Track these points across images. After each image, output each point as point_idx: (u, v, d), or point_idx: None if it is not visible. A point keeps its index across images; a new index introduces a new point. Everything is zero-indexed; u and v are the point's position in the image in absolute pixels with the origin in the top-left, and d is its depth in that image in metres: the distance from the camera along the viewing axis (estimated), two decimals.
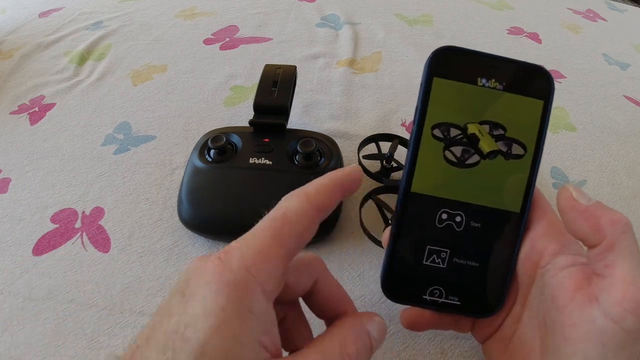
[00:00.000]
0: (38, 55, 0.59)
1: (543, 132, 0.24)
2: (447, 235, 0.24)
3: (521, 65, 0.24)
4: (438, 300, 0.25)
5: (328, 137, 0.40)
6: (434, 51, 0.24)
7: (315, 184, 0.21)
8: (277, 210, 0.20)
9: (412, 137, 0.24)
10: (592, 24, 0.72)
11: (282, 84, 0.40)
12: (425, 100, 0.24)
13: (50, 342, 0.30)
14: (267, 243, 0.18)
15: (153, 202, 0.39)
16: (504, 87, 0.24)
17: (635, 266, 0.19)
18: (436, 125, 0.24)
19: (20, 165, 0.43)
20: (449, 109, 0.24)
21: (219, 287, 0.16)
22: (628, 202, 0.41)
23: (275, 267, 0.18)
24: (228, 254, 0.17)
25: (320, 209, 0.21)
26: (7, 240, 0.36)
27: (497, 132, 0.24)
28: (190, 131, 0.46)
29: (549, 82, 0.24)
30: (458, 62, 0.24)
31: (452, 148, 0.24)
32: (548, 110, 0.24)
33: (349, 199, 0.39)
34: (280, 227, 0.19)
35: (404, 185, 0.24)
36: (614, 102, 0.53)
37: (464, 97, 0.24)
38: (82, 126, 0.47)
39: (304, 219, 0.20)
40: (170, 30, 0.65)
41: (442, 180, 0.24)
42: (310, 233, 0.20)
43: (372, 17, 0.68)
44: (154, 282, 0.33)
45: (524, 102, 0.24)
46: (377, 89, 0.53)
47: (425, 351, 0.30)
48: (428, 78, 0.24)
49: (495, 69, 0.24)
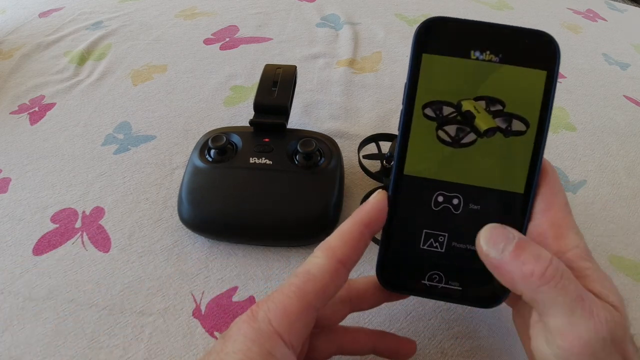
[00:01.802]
0: (38, 55, 0.59)
1: (548, 105, 0.22)
2: (444, 218, 0.23)
3: (520, 33, 0.21)
4: (438, 286, 0.24)
5: (328, 137, 0.40)
6: (421, 23, 0.22)
7: (340, 234, 0.22)
8: (303, 266, 0.21)
9: (402, 118, 0.22)
10: (592, 24, 0.72)
11: (282, 83, 0.40)
12: (414, 78, 0.22)
13: (50, 342, 0.30)
14: (289, 299, 0.20)
15: (153, 202, 0.39)
16: (500, 58, 0.22)
17: (564, 314, 0.19)
18: (427, 104, 0.22)
19: (20, 165, 0.43)
20: (440, 86, 0.22)
21: (247, 333, 0.20)
22: (628, 202, 0.41)
23: (296, 321, 0.20)
24: (258, 306, 0.21)
25: (346, 263, 0.22)
26: (7, 240, 0.36)
27: (495, 108, 0.22)
28: (190, 131, 0.46)
29: (552, 48, 0.22)
30: (447, 35, 0.22)
31: (446, 127, 0.22)
32: (553, 80, 0.22)
33: (349, 199, 0.39)
34: (303, 284, 0.21)
35: (396, 168, 0.23)
36: (614, 102, 0.53)
37: (457, 72, 0.22)
38: (82, 126, 0.47)
39: (327, 274, 0.21)
40: (170, 30, 0.65)
41: (437, 162, 0.23)
42: (335, 286, 0.21)
43: (372, 17, 0.68)
44: (154, 282, 0.33)
45: (525, 73, 0.22)
46: (377, 89, 0.53)
47: (426, 351, 0.30)
48: (416, 54, 0.22)
49: (489, 38, 0.22)
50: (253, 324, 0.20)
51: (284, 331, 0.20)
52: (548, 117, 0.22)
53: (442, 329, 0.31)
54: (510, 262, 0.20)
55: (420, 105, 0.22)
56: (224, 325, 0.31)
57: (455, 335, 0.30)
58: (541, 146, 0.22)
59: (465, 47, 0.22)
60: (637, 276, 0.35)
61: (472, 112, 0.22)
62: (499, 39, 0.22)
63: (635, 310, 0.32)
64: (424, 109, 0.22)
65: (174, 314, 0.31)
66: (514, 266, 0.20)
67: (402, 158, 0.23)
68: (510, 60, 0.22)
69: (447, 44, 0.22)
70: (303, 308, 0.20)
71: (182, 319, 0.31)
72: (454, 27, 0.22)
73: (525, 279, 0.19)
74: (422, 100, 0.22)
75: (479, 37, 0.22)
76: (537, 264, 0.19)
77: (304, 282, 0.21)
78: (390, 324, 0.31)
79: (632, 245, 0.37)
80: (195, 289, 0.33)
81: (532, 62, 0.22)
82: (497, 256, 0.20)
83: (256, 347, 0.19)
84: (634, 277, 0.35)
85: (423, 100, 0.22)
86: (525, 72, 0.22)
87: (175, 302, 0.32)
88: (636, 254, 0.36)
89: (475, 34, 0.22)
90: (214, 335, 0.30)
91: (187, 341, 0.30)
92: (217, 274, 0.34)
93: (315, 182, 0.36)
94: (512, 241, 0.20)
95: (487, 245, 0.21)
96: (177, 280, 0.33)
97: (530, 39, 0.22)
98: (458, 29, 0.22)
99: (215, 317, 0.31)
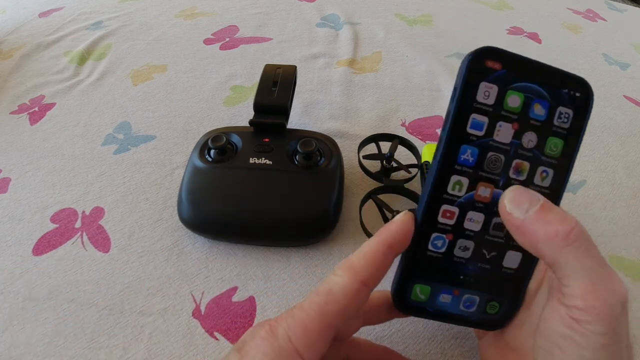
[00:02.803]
0: (38, 55, 0.59)
1: (580, 137, 0.23)
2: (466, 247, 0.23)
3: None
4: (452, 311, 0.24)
5: (328, 137, 0.40)
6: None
7: (364, 253, 0.22)
8: (325, 284, 0.21)
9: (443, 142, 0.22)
10: (592, 24, 0.72)
11: (282, 83, 0.40)
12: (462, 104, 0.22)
13: (50, 342, 0.30)
14: (311, 318, 0.20)
15: (153, 202, 0.39)
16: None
17: (588, 275, 0.19)
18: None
19: (20, 165, 0.43)
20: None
21: (266, 352, 0.19)
22: (628, 202, 0.41)
23: (315, 340, 0.20)
24: (277, 323, 0.20)
25: (368, 284, 0.21)
26: (7, 240, 0.36)
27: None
28: (190, 131, 0.46)
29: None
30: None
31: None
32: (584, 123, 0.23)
33: (349, 199, 0.39)
34: (325, 303, 0.20)
35: (430, 192, 0.22)
36: (614, 102, 0.53)
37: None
38: (82, 126, 0.47)
39: (349, 295, 0.21)
40: (170, 30, 0.65)
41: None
42: (356, 307, 0.21)
43: (372, 17, 0.68)
44: (154, 282, 0.33)
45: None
46: (377, 89, 0.53)
47: (426, 351, 0.30)
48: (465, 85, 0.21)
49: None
50: (273, 342, 0.20)
51: (304, 350, 0.20)
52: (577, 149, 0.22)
53: (442, 330, 0.31)
54: (535, 222, 0.20)
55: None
56: (223, 326, 0.31)
57: (455, 335, 0.30)
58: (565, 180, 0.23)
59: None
60: (637, 276, 0.35)
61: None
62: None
63: (636, 310, 0.32)
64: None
65: (173, 314, 0.31)
66: (538, 226, 0.19)
67: (441, 183, 0.22)
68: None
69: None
70: (324, 328, 0.20)
71: (182, 319, 0.31)
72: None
73: (549, 239, 0.19)
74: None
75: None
76: (562, 224, 0.19)
77: (326, 302, 0.20)
78: (391, 325, 0.31)
79: (632, 245, 0.37)
80: (195, 289, 0.33)
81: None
82: (520, 216, 0.20)
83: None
84: (634, 277, 0.35)
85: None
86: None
87: (175, 302, 0.32)
88: (636, 254, 0.36)
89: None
90: (213, 335, 0.30)
91: (187, 341, 0.30)
92: (217, 274, 0.34)
93: (315, 182, 0.36)
94: (537, 202, 0.20)
95: (511, 205, 0.20)
96: (177, 280, 0.33)
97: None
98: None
99: (215, 317, 0.31)
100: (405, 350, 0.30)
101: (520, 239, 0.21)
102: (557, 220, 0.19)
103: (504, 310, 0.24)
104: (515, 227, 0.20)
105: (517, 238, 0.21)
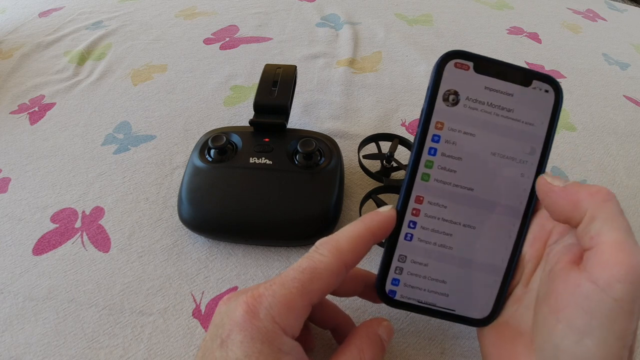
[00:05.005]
0: (38, 55, 0.59)
1: (551, 132, 0.24)
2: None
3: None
4: (435, 305, 0.25)
5: (328, 137, 0.40)
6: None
7: (350, 234, 0.22)
8: (309, 261, 0.21)
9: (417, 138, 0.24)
10: (592, 24, 0.72)
11: (282, 83, 0.40)
12: (434, 95, 0.23)
13: (50, 342, 0.30)
14: (293, 296, 0.20)
15: (153, 202, 0.39)
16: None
17: (621, 232, 0.19)
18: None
19: (20, 165, 0.43)
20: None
21: (253, 334, 0.19)
22: (628, 202, 0.41)
23: (298, 316, 0.21)
24: (257, 301, 0.20)
25: (349, 266, 0.22)
26: (7, 240, 0.36)
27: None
28: (190, 131, 0.46)
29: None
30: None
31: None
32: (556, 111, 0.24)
33: (349, 199, 0.39)
34: (309, 281, 0.21)
35: (406, 185, 0.24)
36: (614, 102, 0.53)
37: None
38: (82, 126, 0.47)
39: (333, 275, 0.21)
40: (170, 30, 0.65)
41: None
42: (335, 285, 0.22)
43: (372, 17, 0.68)
44: (154, 282, 0.33)
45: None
46: (377, 88, 0.53)
47: (426, 350, 0.30)
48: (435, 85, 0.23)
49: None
50: (256, 323, 0.20)
51: (288, 325, 0.20)
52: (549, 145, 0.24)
53: (442, 329, 0.31)
54: (575, 186, 0.21)
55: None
56: None
57: (455, 335, 0.30)
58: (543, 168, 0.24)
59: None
60: None
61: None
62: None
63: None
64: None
65: (173, 314, 0.31)
66: (580, 188, 0.21)
67: (414, 176, 0.24)
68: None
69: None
70: (306, 305, 0.21)
71: (182, 319, 0.31)
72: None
73: (592, 195, 0.20)
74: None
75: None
76: (601, 188, 0.21)
77: (310, 279, 0.21)
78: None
79: None
80: (195, 289, 0.33)
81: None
82: (561, 184, 0.22)
83: (267, 348, 0.19)
84: None
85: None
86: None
87: (175, 302, 0.32)
88: None
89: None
90: None
91: (187, 341, 0.30)
92: (216, 274, 0.34)
93: (315, 182, 0.36)
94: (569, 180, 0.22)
95: (551, 179, 0.23)
96: (177, 280, 0.33)
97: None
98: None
99: None
100: (405, 350, 0.30)
101: (559, 202, 0.22)
102: (593, 185, 0.21)
103: (486, 308, 0.24)
104: (556, 194, 0.22)
105: (554, 203, 0.22)
